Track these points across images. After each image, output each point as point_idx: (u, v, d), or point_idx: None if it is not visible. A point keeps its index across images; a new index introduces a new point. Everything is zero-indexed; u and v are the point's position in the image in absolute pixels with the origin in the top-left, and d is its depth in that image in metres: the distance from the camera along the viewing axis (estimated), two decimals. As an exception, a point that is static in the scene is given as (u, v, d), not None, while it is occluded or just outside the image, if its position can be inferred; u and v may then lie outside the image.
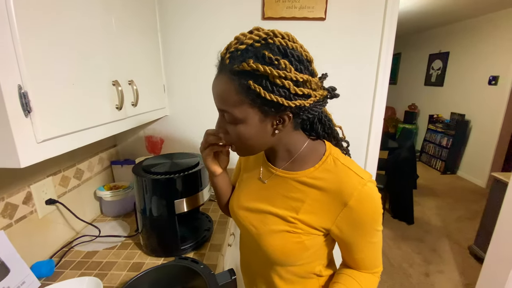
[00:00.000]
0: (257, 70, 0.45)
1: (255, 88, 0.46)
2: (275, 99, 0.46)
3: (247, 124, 0.50)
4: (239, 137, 0.53)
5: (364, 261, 0.60)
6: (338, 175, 0.54)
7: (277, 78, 0.46)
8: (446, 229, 2.78)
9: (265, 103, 0.48)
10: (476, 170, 3.97)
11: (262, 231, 0.59)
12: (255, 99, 0.47)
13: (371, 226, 0.55)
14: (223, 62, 0.50)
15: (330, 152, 0.57)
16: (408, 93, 5.69)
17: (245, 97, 0.48)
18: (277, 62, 0.45)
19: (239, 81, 0.47)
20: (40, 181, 0.90)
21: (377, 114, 1.35)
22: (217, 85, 0.51)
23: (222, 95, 0.50)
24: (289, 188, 0.59)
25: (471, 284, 1.96)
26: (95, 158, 1.22)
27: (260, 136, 0.53)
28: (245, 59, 0.46)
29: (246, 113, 0.49)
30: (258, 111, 0.49)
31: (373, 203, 0.53)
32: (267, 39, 0.47)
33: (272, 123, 0.52)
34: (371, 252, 0.59)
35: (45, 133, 0.58)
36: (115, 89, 0.84)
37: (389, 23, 1.22)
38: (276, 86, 0.46)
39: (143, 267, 0.88)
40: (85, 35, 0.71)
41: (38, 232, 0.90)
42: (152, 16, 1.19)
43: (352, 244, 0.57)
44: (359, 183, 0.52)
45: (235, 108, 0.49)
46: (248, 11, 1.24)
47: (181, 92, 1.36)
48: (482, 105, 3.88)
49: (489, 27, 3.73)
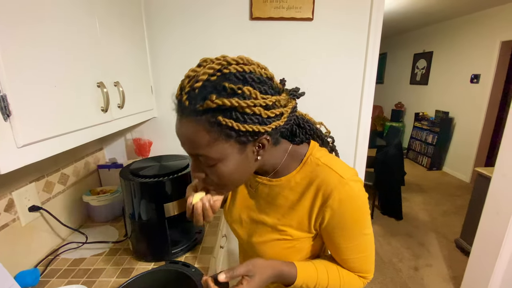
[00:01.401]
0: (223, 105, 0.41)
1: (226, 123, 0.42)
2: (250, 128, 0.44)
3: (227, 160, 0.47)
4: (222, 176, 0.49)
5: (350, 262, 0.58)
6: (318, 175, 0.53)
7: (246, 107, 0.43)
8: (433, 223, 2.85)
9: (240, 135, 0.44)
10: (461, 166, 4.10)
11: (254, 241, 0.61)
12: (229, 133, 0.44)
13: (354, 227, 0.53)
14: (181, 105, 0.45)
15: (311, 153, 0.56)
16: (395, 92, 5.82)
17: (217, 134, 0.44)
18: (240, 91, 0.42)
19: (207, 120, 0.43)
20: (22, 187, 0.86)
21: (365, 113, 1.37)
22: (182, 130, 0.46)
23: (191, 139, 0.45)
24: (275, 196, 0.59)
25: (458, 277, 2.01)
26: (81, 162, 1.19)
27: (243, 167, 0.50)
28: (206, 96, 0.42)
29: (223, 150, 0.46)
30: (235, 144, 0.46)
31: (354, 203, 0.51)
32: (222, 69, 0.43)
33: (253, 151, 0.49)
34: (357, 254, 0.57)
35: (26, 137, 0.56)
36: (100, 91, 0.82)
37: (375, 24, 1.25)
38: (247, 115, 0.43)
39: (133, 272, 0.86)
40: (68, 36, 0.69)
41: (21, 240, 0.86)
42: (138, 18, 1.17)
43: (338, 244, 0.56)
44: (339, 183, 0.50)
45: (209, 148, 0.45)
46: (236, 12, 1.24)
47: (169, 93, 1.32)
48: (465, 103, 4.01)
49: (470, 27, 3.85)
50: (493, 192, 1.58)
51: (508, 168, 1.47)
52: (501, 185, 1.52)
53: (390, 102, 5.88)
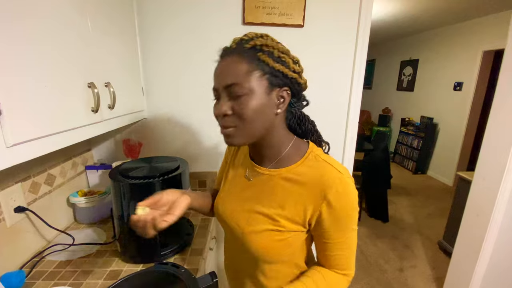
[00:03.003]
0: (266, 45, 0.54)
1: (264, 58, 0.53)
2: (280, 67, 0.54)
3: (254, 94, 0.53)
4: (246, 109, 0.53)
5: (337, 259, 0.61)
6: (318, 169, 0.57)
7: (280, 52, 0.55)
8: (418, 225, 2.93)
9: (272, 72, 0.53)
10: (444, 170, 4.24)
11: (247, 230, 0.61)
12: (264, 68, 0.53)
13: (347, 221, 0.57)
14: (228, 49, 0.56)
15: (312, 149, 0.61)
16: (382, 97, 5.97)
17: (255, 66, 0.52)
18: (280, 45, 0.56)
19: (249, 55, 0.53)
20: (8, 187, 0.85)
21: (353, 117, 1.40)
22: (224, 64, 0.55)
23: (231, 69, 0.53)
24: (274, 186, 0.61)
25: (441, 277, 2.08)
26: (68, 163, 1.17)
27: (264, 110, 0.55)
28: (253, 40, 0.54)
29: (255, 83, 0.53)
30: (265, 81, 0.53)
31: (349, 199, 0.55)
32: (263, 36, 0.56)
33: (275, 101, 0.56)
34: (344, 251, 0.61)
35: (15, 137, 0.55)
36: (91, 91, 0.82)
37: (363, 31, 1.29)
38: (280, 59, 0.54)
39: (121, 274, 0.86)
40: (58, 35, 0.69)
41: (6, 241, 0.84)
42: (130, 19, 1.16)
43: (328, 239, 0.59)
44: (338, 177, 0.54)
45: (246, 77, 0.52)
46: (229, 16, 1.25)
47: (160, 95, 1.34)
48: (448, 109, 4.16)
49: (454, 36, 4.01)
50: (474, 195, 1.64)
51: (487, 172, 1.54)
52: (481, 189, 1.58)
53: (377, 107, 6.02)
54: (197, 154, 1.42)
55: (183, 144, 1.41)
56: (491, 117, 1.52)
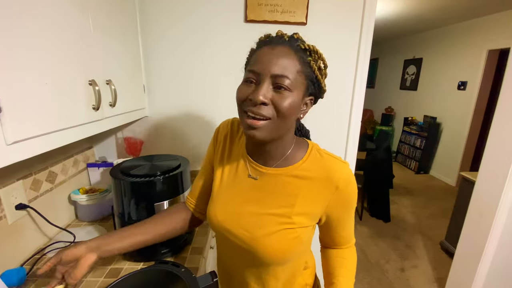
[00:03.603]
0: (317, 53, 0.56)
1: (312, 66, 0.55)
2: (320, 79, 0.57)
3: (294, 94, 0.54)
4: (284, 103, 0.52)
5: (346, 238, 0.68)
6: (325, 163, 0.60)
7: (324, 64, 0.57)
8: (420, 226, 2.92)
9: (312, 80, 0.56)
10: (447, 170, 4.21)
11: (258, 234, 0.58)
12: (309, 73, 0.55)
13: (353, 203, 0.63)
14: (280, 38, 0.56)
15: (312, 145, 0.64)
16: (385, 96, 5.93)
17: (303, 69, 0.54)
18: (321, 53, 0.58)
19: (301, 56, 0.54)
20: (9, 185, 0.85)
21: (355, 116, 1.39)
22: (277, 53, 0.53)
23: (285, 61, 0.53)
24: (282, 185, 0.61)
25: (443, 278, 2.07)
26: (70, 160, 1.17)
27: (295, 112, 0.56)
28: (304, 42, 0.56)
29: (298, 83, 0.54)
30: (305, 86, 0.55)
31: (354, 183, 0.61)
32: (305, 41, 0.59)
33: (301, 106, 0.58)
34: (351, 227, 0.68)
35: (15, 134, 0.55)
36: (92, 89, 0.81)
37: (366, 30, 1.27)
38: (322, 70, 0.57)
39: (121, 272, 0.86)
40: (59, 33, 0.68)
41: (7, 238, 0.84)
42: (132, 16, 1.16)
43: (339, 224, 0.64)
44: (344, 167, 0.59)
45: (295, 75, 0.53)
46: (231, 13, 1.24)
47: (161, 93, 1.33)
48: (452, 109, 4.13)
49: (459, 35, 3.97)
50: (477, 196, 1.63)
51: (491, 173, 1.52)
52: (484, 189, 1.57)
53: (380, 106, 5.99)
54: (198, 153, 1.42)
55: (184, 142, 1.41)
56: (495, 117, 1.50)
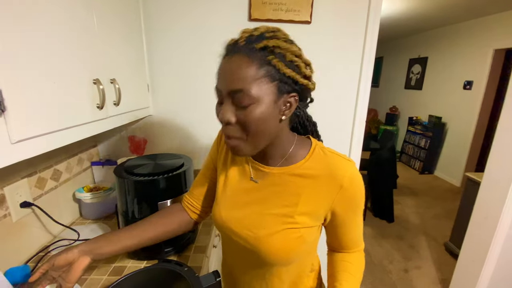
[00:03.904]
0: (278, 46, 0.48)
1: (275, 63, 0.48)
2: (292, 74, 0.49)
3: (261, 103, 0.49)
4: (251, 120, 0.49)
5: (353, 240, 0.65)
6: (328, 162, 0.57)
7: (293, 55, 0.50)
8: (424, 226, 2.90)
9: (282, 79, 0.50)
10: (452, 170, 4.17)
11: (261, 234, 0.58)
12: (274, 75, 0.49)
13: (360, 203, 0.59)
14: (235, 45, 0.51)
15: (316, 143, 0.61)
16: (390, 96, 5.89)
17: (265, 71, 0.48)
18: (291, 42, 0.51)
19: (259, 57, 0.48)
20: (14, 183, 0.85)
21: (360, 115, 1.38)
22: (230, 65, 0.50)
23: (238, 73, 0.48)
24: (285, 184, 0.59)
25: (446, 279, 2.05)
26: (74, 158, 1.18)
27: (270, 120, 0.51)
28: (263, 38, 0.49)
29: (263, 91, 0.49)
30: (274, 88, 0.50)
31: (360, 182, 0.58)
32: (275, 31, 0.51)
33: (280, 108, 0.52)
34: (358, 230, 0.64)
35: (20, 133, 0.55)
36: (96, 88, 0.81)
37: (372, 28, 1.26)
38: (292, 63, 0.50)
39: (125, 271, 0.86)
40: (64, 31, 0.68)
41: (12, 236, 0.85)
42: (136, 16, 1.16)
43: (344, 225, 0.61)
44: (349, 166, 0.57)
45: (252, 84, 0.48)
46: (235, 12, 1.24)
47: (165, 92, 1.33)
48: (457, 109, 4.08)
49: (465, 34, 3.92)
50: (482, 197, 1.61)
51: (497, 174, 1.50)
52: (490, 190, 1.55)
53: (385, 105, 5.94)
54: (202, 152, 1.42)
55: (188, 141, 1.41)
56: (502, 117, 1.48)
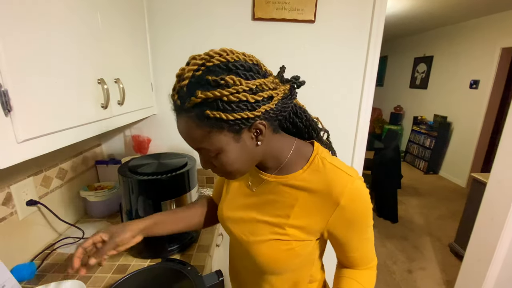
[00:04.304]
0: (207, 97, 0.43)
1: (214, 115, 0.44)
2: (238, 116, 0.44)
3: (226, 150, 0.48)
4: (226, 166, 0.51)
5: (359, 258, 0.60)
6: (327, 175, 0.53)
7: (230, 95, 0.43)
8: (428, 227, 2.87)
9: (231, 124, 0.45)
10: (457, 171, 4.13)
11: (252, 240, 0.58)
12: (220, 124, 0.45)
13: (363, 222, 0.55)
14: (175, 104, 0.48)
15: (317, 152, 0.56)
16: (394, 95, 5.84)
17: (209, 127, 0.45)
18: (223, 81, 0.43)
19: (196, 116, 0.45)
20: (20, 181, 0.86)
21: (364, 115, 1.37)
22: (180, 128, 0.49)
23: (188, 136, 0.48)
24: (279, 193, 0.57)
25: (451, 281, 2.03)
26: (79, 157, 1.19)
27: (245, 155, 0.51)
28: (192, 93, 0.44)
29: (219, 141, 0.47)
30: (229, 133, 0.47)
31: (363, 200, 0.53)
32: (205, 63, 0.45)
33: (250, 137, 0.49)
34: (365, 248, 0.60)
35: (26, 132, 0.56)
36: (101, 88, 0.82)
37: (376, 27, 1.25)
38: (234, 103, 0.44)
39: (129, 269, 0.87)
40: (69, 31, 0.69)
41: (18, 234, 0.86)
42: (140, 15, 1.17)
43: (346, 244, 0.57)
44: (349, 181, 0.51)
45: (206, 141, 0.47)
46: (239, 12, 1.24)
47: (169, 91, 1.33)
48: (463, 108, 4.03)
49: (471, 33, 3.87)
50: (488, 198, 1.59)
51: (503, 175, 1.48)
52: (496, 191, 1.53)
53: (389, 105, 5.90)
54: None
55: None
56: (509, 116, 1.46)
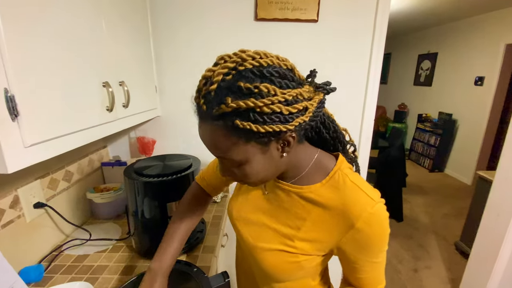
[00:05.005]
0: (239, 107, 0.39)
1: (244, 126, 0.40)
2: (271, 128, 0.41)
3: (251, 161, 0.46)
4: (249, 176, 0.48)
5: (367, 280, 0.55)
6: (346, 194, 0.49)
7: (264, 106, 0.40)
8: (434, 225, 2.85)
9: (260, 136, 0.42)
10: (462, 168, 4.09)
11: (259, 245, 0.57)
12: (249, 136, 0.42)
13: (377, 247, 0.51)
14: (200, 109, 0.44)
15: (339, 167, 0.52)
16: (398, 92, 5.80)
17: (237, 138, 0.42)
18: (257, 90, 0.39)
19: (224, 125, 0.41)
20: (27, 184, 0.87)
21: (368, 114, 1.37)
22: (203, 134, 0.46)
23: (212, 144, 0.46)
24: (292, 203, 0.55)
25: (457, 279, 2.02)
26: (85, 159, 1.20)
27: (269, 166, 0.48)
28: (221, 99, 0.40)
29: (245, 152, 0.44)
30: (256, 145, 0.44)
31: (381, 225, 0.49)
32: (237, 67, 0.41)
33: (277, 148, 0.46)
34: (375, 272, 0.55)
35: (33, 137, 0.56)
36: (106, 91, 0.83)
37: (380, 25, 1.24)
38: (267, 115, 0.40)
39: (135, 270, 0.88)
40: (74, 36, 0.70)
41: (26, 236, 0.88)
42: (143, 17, 1.17)
43: (355, 264, 0.53)
44: (368, 204, 0.48)
45: (231, 152, 0.44)
46: (241, 12, 1.24)
47: (173, 93, 1.34)
48: (469, 105, 3.99)
49: (475, 29, 3.82)
50: (494, 195, 1.58)
51: (510, 172, 1.47)
52: (502, 189, 1.52)
53: (393, 102, 5.85)
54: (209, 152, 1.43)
55: (196, 142, 1.42)
56: (516, 114, 1.44)
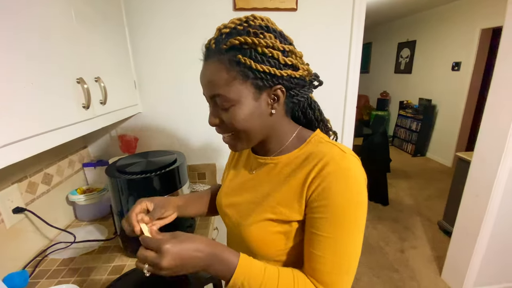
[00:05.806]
0: (245, 42, 0.46)
1: (245, 61, 0.46)
2: (267, 69, 0.47)
3: (242, 103, 0.49)
4: (236, 121, 0.50)
5: (321, 262, 0.48)
6: (320, 149, 0.51)
7: (265, 47, 0.47)
8: (418, 207, 2.96)
9: (257, 76, 0.48)
10: (443, 151, 4.25)
11: (246, 222, 0.58)
12: (247, 73, 0.47)
13: (345, 211, 0.46)
14: (209, 49, 0.51)
15: (316, 134, 0.57)
16: (380, 81, 5.91)
17: (236, 72, 0.47)
18: (262, 35, 0.47)
19: (228, 59, 0.47)
20: (4, 189, 0.84)
21: (350, 102, 1.39)
22: (205, 72, 0.51)
23: (212, 78, 0.49)
24: (275, 174, 0.58)
25: (441, 257, 2.11)
26: (65, 161, 1.16)
27: (257, 117, 0.51)
28: (230, 38, 0.47)
29: (239, 91, 0.48)
30: (251, 87, 0.49)
31: (348, 179, 0.47)
32: (248, 21, 0.49)
33: (267, 102, 0.51)
34: (335, 256, 0.47)
35: (5, 137, 0.54)
36: (80, 87, 0.79)
37: (358, 13, 1.25)
38: (265, 56, 0.47)
39: (125, 269, 0.86)
40: (41, 28, 0.66)
41: (7, 243, 0.84)
42: (117, 10, 1.13)
43: (317, 229, 0.48)
44: (338, 154, 0.49)
45: (227, 87, 0.48)
46: (220, 2, 1.21)
47: (153, 88, 1.31)
48: (447, 90, 4.13)
49: (452, 15, 3.93)
50: (473, 176, 1.65)
51: (486, 152, 1.54)
52: (480, 168, 1.59)
53: (375, 91, 5.97)
54: (195, 147, 1.41)
55: (180, 137, 1.40)
56: (489, 96, 1.51)
